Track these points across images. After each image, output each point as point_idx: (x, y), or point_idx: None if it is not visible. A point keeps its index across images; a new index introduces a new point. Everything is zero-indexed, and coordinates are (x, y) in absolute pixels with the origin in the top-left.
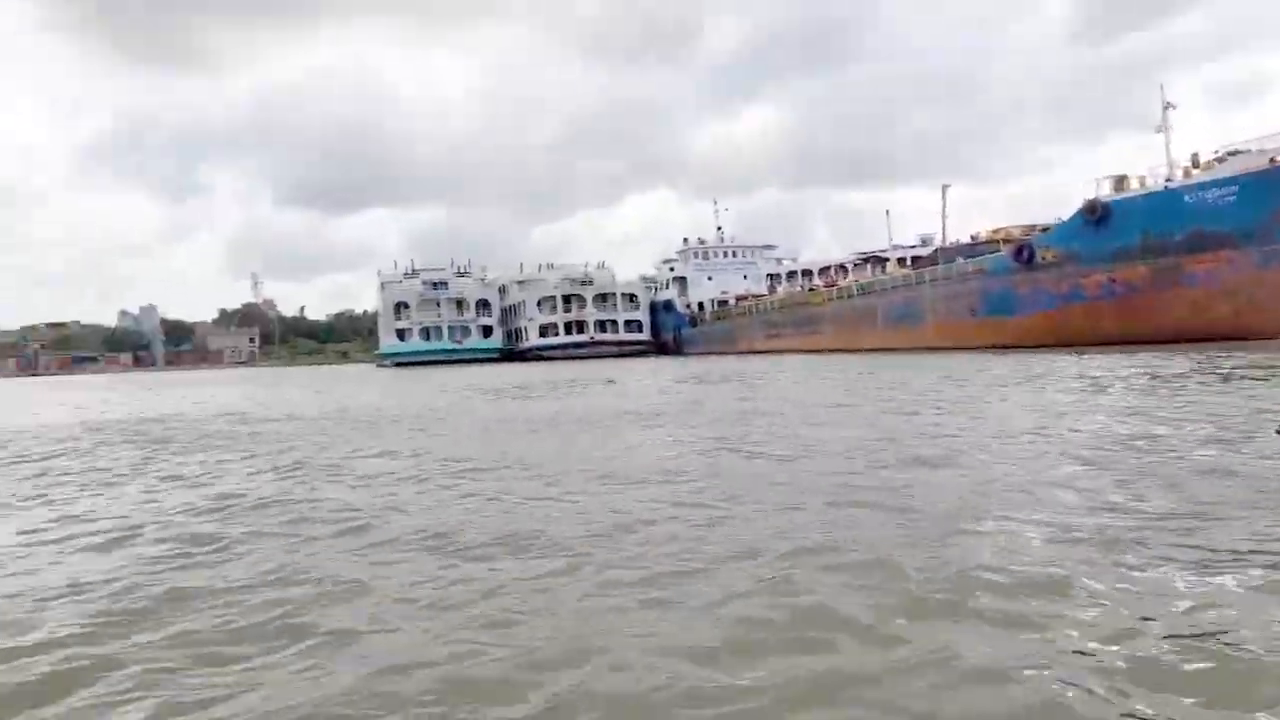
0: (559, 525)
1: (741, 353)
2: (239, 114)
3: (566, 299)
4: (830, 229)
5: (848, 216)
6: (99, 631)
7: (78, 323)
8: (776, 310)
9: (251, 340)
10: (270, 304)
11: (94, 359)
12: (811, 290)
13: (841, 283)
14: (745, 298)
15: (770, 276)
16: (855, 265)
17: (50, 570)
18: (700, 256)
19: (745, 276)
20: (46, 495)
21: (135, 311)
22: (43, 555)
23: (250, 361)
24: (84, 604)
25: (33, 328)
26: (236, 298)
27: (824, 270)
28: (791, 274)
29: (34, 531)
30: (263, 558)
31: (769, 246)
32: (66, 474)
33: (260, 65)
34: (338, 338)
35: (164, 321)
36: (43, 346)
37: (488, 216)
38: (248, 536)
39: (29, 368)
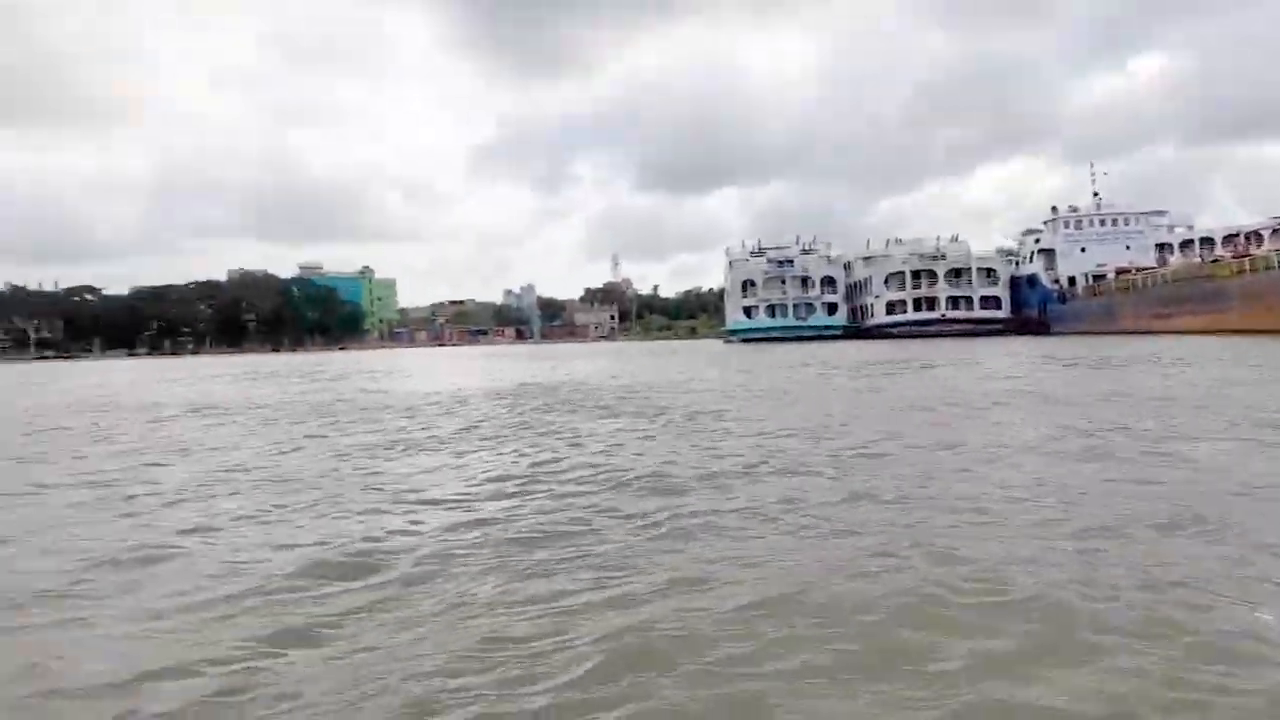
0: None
1: (1122, 332)
2: (603, 109)
3: (915, 275)
4: (1234, 190)
5: (1259, 175)
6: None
7: (473, 300)
8: (1168, 284)
9: (611, 317)
10: (627, 283)
11: (484, 332)
12: (1215, 261)
13: (1256, 252)
14: (1128, 270)
15: (1159, 247)
16: (1275, 231)
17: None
18: (1072, 226)
19: (1128, 247)
20: (517, 448)
21: (517, 291)
22: (584, 498)
23: (610, 336)
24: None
25: (440, 305)
26: (598, 277)
27: (1230, 238)
28: (1187, 243)
29: (533, 479)
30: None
31: (1158, 213)
32: (527, 429)
33: (623, 62)
34: (686, 314)
35: (539, 299)
36: (447, 321)
37: (832, 191)
38: (755, 483)
39: (436, 338)
